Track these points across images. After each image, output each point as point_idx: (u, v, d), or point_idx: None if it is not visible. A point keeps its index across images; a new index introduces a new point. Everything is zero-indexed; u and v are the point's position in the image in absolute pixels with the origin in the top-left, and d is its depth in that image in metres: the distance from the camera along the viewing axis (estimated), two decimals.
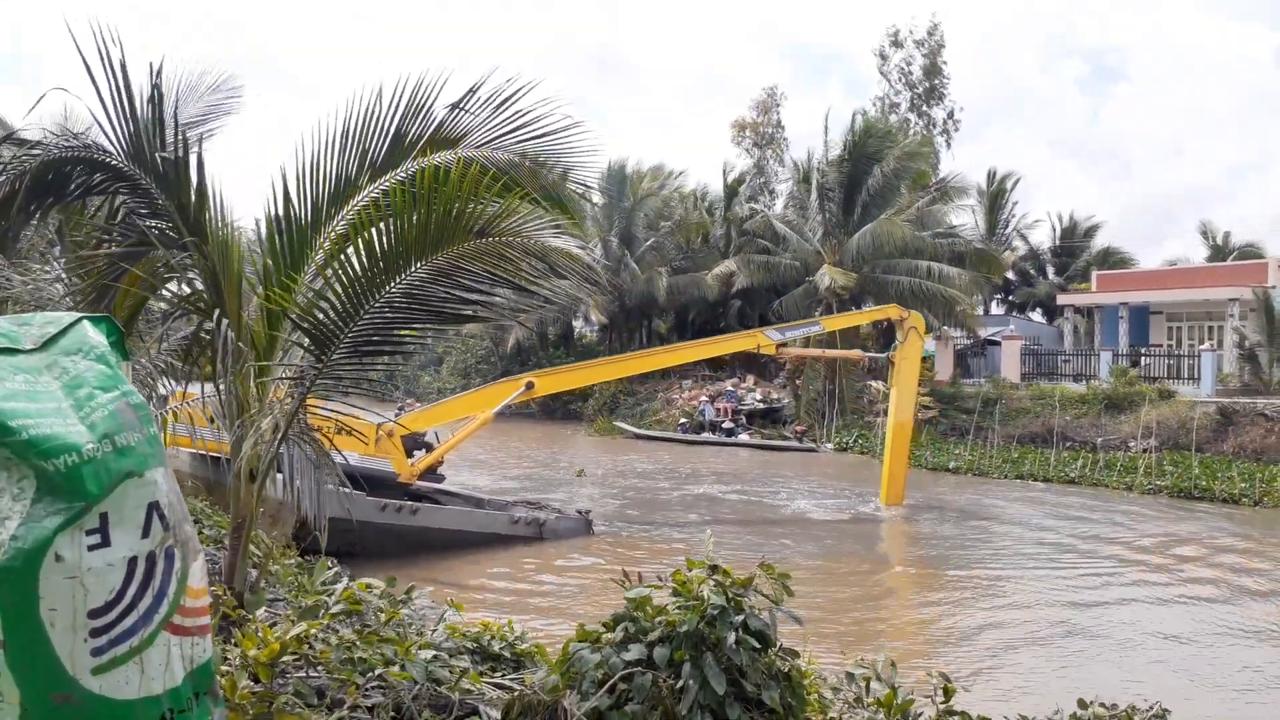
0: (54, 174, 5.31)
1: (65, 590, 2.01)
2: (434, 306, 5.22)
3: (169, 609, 2.17)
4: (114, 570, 2.08)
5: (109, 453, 2.10)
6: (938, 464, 26.66)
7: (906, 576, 14.34)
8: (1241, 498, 20.39)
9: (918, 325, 19.62)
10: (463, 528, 14.62)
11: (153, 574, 2.14)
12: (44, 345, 2.21)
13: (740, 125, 53.19)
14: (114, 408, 2.16)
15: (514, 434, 35.54)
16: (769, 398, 36.49)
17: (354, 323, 5.07)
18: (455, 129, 5.53)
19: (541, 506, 16.45)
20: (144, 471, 2.15)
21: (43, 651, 1.98)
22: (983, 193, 44.68)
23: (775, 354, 21.44)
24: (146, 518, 2.14)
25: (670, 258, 43.66)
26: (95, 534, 2.05)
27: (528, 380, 17.27)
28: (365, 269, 5.03)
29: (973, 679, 8.78)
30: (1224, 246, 44.41)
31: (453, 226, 4.96)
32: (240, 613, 4.80)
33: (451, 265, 5.07)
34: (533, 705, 3.94)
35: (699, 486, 22.50)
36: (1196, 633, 10.94)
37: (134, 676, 2.11)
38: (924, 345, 20.58)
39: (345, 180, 5.49)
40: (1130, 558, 15.15)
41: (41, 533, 1.98)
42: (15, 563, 1.96)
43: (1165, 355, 32.75)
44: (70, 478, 2.03)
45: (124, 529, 2.10)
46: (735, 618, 3.89)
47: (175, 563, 2.20)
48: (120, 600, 2.09)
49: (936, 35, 49.22)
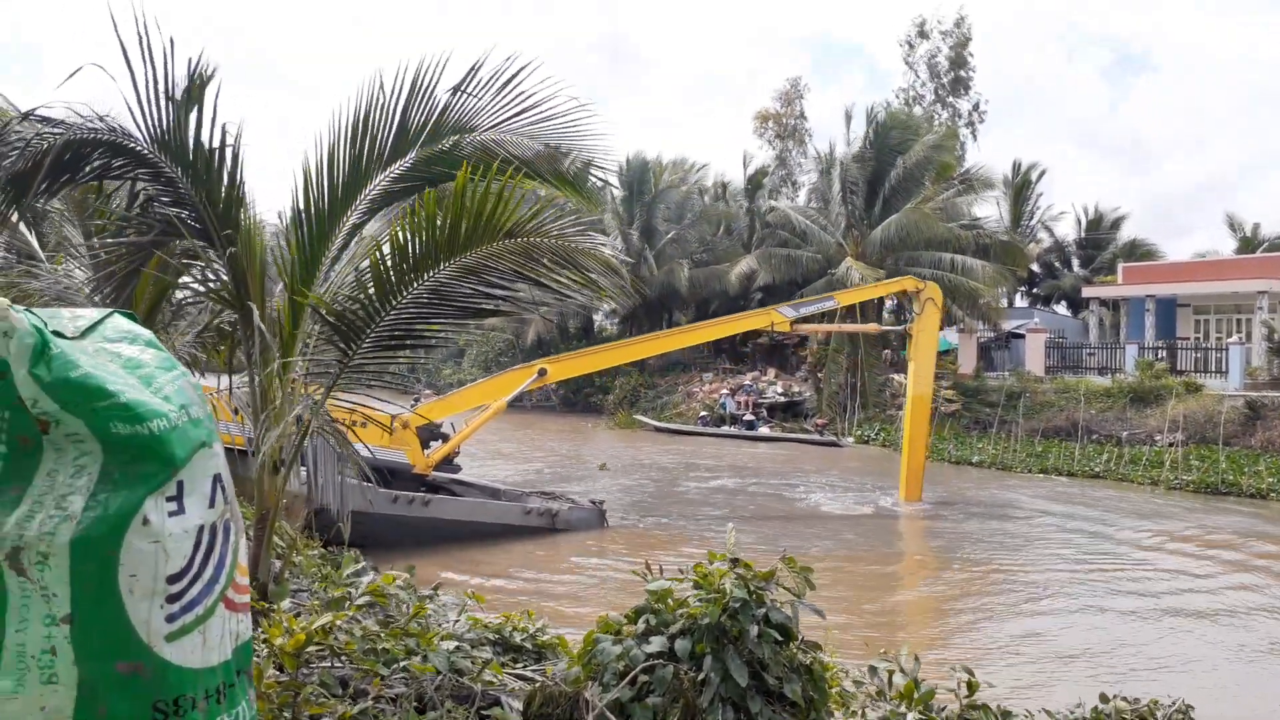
0: (72, 154, 5.31)
1: (149, 555, 2.04)
2: (459, 303, 5.25)
3: (226, 581, 2.23)
4: (188, 537, 2.13)
5: (187, 422, 2.16)
6: (960, 458, 26.49)
7: (928, 571, 14.26)
8: (1270, 493, 20.13)
9: (935, 296, 19.37)
10: (475, 519, 14.65)
11: (215, 545, 2.20)
12: (83, 334, 2.24)
13: (763, 116, 52.97)
14: (180, 384, 2.23)
15: (536, 426, 35.65)
16: (790, 391, 36.38)
17: (380, 319, 5.10)
18: (461, 114, 5.52)
19: (557, 497, 16.45)
20: (213, 443, 2.22)
21: (118, 621, 2.01)
22: (1008, 184, 44.24)
23: (789, 330, 21.09)
24: (213, 488, 2.21)
25: (691, 250, 43.59)
26: (174, 500, 2.11)
27: (540, 367, 17.23)
28: (395, 267, 5.06)
29: (994, 673, 8.72)
30: (1253, 238, 43.75)
31: (483, 229, 4.98)
32: (264, 604, 4.84)
33: (479, 264, 5.09)
34: (554, 696, 3.95)
35: (719, 480, 22.48)
36: (1226, 631, 10.82)
37: (198, 645, 2.15)
38: (939, 322, 20.28)
39: (357, 171, 5.51)
40: (1157, 553, 15.00)
41: (128, 499, 2.02)
42: (95, 531, 1.99)
43: (1193, 348, 32.35)
44: (162, 442, 2.08)
45: (195, 497, 2.16)
46: (757, 611, 3.89)
47: (231, 536, 2.26)
48: (191, 568, 2.14)
49: (964, 27, 48.86)
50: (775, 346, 42.10)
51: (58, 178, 5.43)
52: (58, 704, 1.96)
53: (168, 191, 5.52)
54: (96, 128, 5.30)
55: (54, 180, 5.42)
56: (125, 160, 5.46)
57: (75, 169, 5.47)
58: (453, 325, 5.68)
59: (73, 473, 2.03)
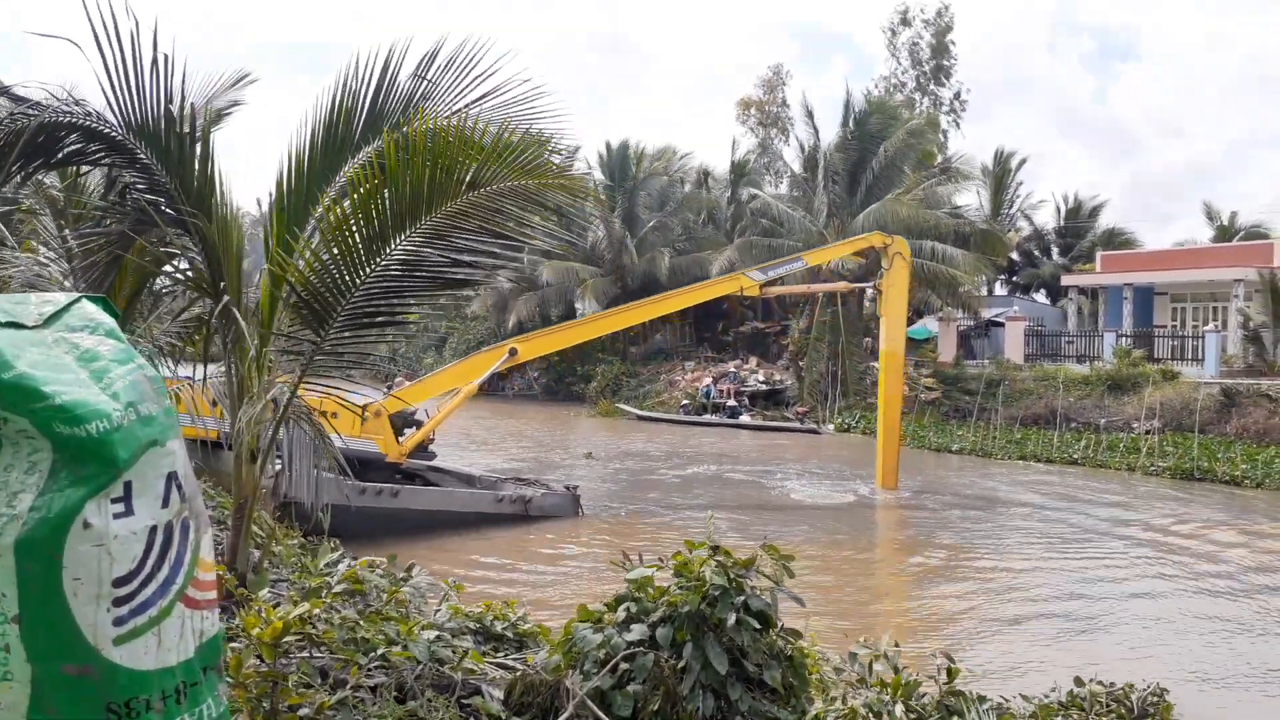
0: (46, 136, 5.23)
1: (91, 558, 2.01)
2: (430, 271, 5.19)
3: (184, 581, 2.19)
4: (137, 539, 2.09)
5: (134, 421, 2.11)
6: (940, 445, 26.67)
7: (907, 558, 14.37)
8: (1243, 479, 20.39)
9: (903, 251, 19.45)
10: (446, 508, 14.51)
11: (170, 545, 2.16)
12: (46, 322, 2.20)
13: (746, 104, 53.00)
14: (133, 379, 2.17)
15: (518, 415, 35.61)
16: (771, 379, 36.48)
17: (351, 293, 5.04)
18: (425, 98, 5.47)
19: (532, 483, 16.33)
20: (165, 441, 2.17)
21: (63, 623, 1.99)
22: (988, 173, 44.47)
23: (759, 294, 20.91)
24: (166, 488, 2.16)
25: (674, 238, 43.55)
26: (120, 502, 2.06)
27: (511, 347, 17.02)
28: (363, 235, 4.99)
29: (973, 659, 8.81)
30: (1229, 227, 44.16)
31: (444, 182, 4.93)
32: (243, 593, 4.81)
33: (447, 225, 5.03)
34: (535, 685, 3.95)
35: (700, 467, 22.53)
36: (1198, 615, 10.96)
37: (152, 647, 2.12)
38: (909, 277, 20.19)
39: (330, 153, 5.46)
40: (1133, 539, 15.17)
41: (69, 501, 1.99)
42: (38, 532, 1.96)
43: (1169, 336, 32.66)
44: (102, 444, 2.04)
45: (145, 498, 2.11)
46: (736, 598, 3.90)
47: (190, 534, 2.22)
48: (141, 570, 2.10)
49: (946, 16, 48.98)
50: (757, 335, 42.20)
51: (31, 160, 5.35)
52: (12, 700, 1.95)
53: (143, 179, 5.45)
54: (71, 111, 5.22)
55: (28, 162, 5.33)
56: (100, 145, 5.38)
57: (50, 152, 5.39)
58: (425, 297, 5.62)
59: (26, 469, 2.01)
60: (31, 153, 5.31)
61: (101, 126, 5.25)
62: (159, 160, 5.27)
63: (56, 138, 5.33)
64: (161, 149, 5.23)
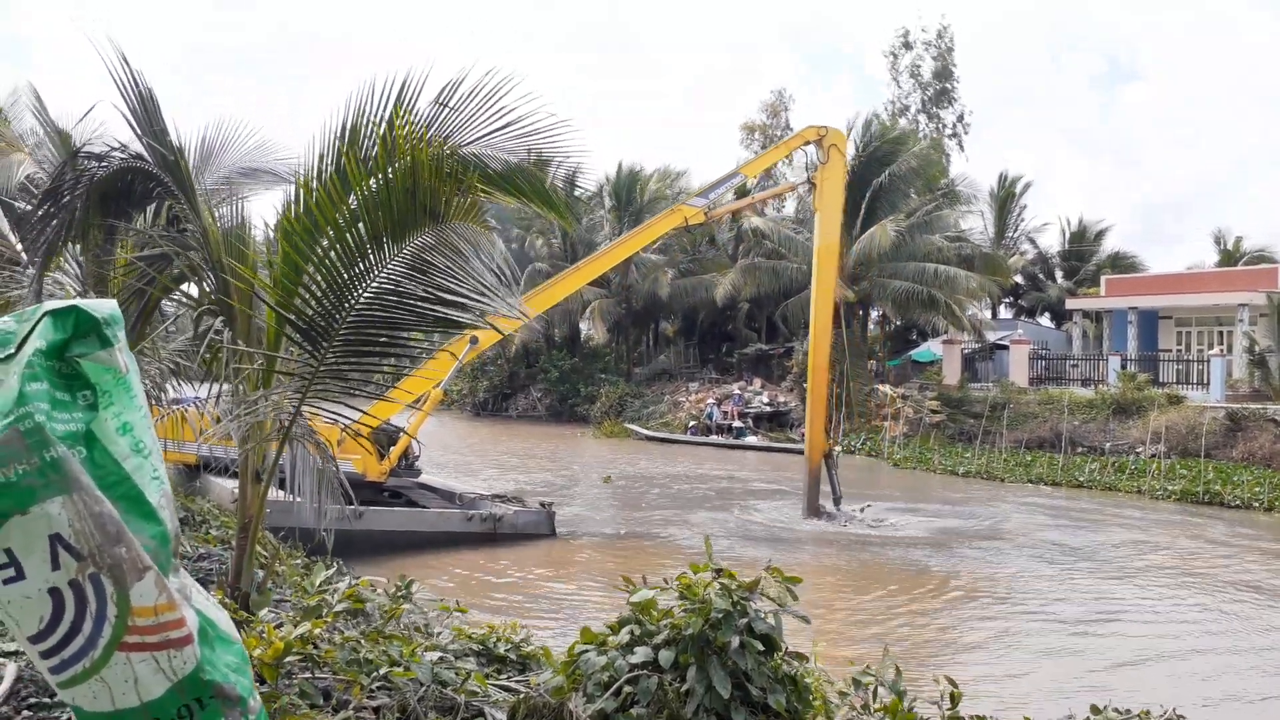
0: (121, 183, 5.78)
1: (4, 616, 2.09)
2: (415, 308, 5.16)
3: (113, 632, 2.14)
4: (35, 601, 2.07)
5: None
6: (946, 468, 26.58)
7: (915, 583, 14.27)
8: (1253, 503, 20.28)
9: (838, 142, 18.81)
10: (413, 528, 14.24)
11: (85, 602, 2.11)
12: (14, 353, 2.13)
13: (749, 128, 53.20)
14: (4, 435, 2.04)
15: (523, 436, 35.55)
16: (776, 401, 36.42)
17: (341, 316, 5.03)
18: (443, 130, 5.47)
19: (509, 500, 16.13)
20: (28, 507, 2.04)
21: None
22: (992, 196, 44.59)
23: (705, 220, 19.95)
24: (51, 550, 2.07)
25: (677, 260, 43.66)
26: (8, 568, 2.05)
27: (472, 336, 16.53)
28: (340, 255, 5.00)
29: (980, 685, 8.73)
30: (1234, 251, 44.18)
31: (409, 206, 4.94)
32: (243, 614, 4.80)
33: (420, 260, 5.03)
34: (538, 708, 3.93)
35: (703, 487, 22.46)
36: (1215, 640, 10.87)
37: (101, 692, 2.13)
38: (845, 170, 19.55)
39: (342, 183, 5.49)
40: (1146, 563, 15.07)
41: None
42: None
43: (1175, 360, 32.58)
44: None
45: (32, 561, 2.07)
46: (740, 621, 3.88)
47: (107, 588, 2.13)
48: (56, 627, 2.09)
49: (946, 37, 49.28)
50: (761, 356, 42.18)
51: (115, 206, 5.87)
52: None
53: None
54: (124, 156, 5.52)
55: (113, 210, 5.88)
56: (152, 183, 5.71)
57: (127, 196, 5.89)
58: (416, 331, 5.62)
59: None
60: (112, 199, 5.84)
61: (143, 165, 5.55)
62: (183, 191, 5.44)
63: (127, 183, 5.81)
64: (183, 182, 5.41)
